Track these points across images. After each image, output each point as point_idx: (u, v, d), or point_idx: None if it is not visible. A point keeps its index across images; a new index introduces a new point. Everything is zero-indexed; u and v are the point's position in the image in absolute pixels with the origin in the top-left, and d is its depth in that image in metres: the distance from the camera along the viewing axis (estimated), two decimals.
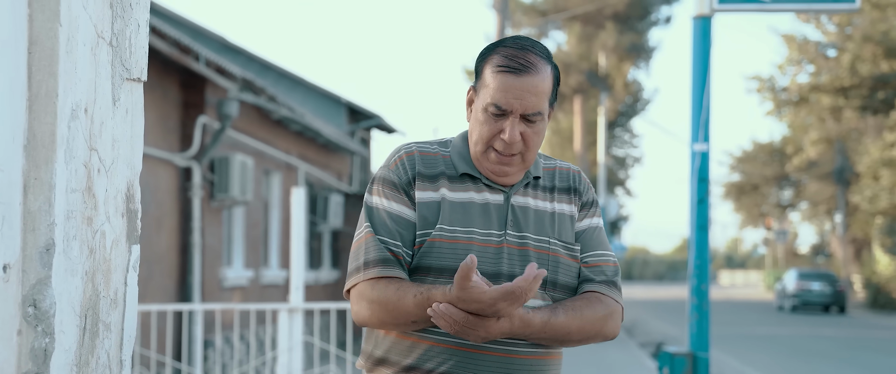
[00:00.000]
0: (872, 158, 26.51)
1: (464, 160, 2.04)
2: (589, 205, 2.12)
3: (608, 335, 2.04)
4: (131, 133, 1.77)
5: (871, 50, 26.45)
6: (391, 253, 1.95)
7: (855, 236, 38.13)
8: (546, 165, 2.13)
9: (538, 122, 1.99)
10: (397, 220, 1.98)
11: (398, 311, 1.91)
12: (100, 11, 1.63)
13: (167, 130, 9.20)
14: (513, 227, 2.00)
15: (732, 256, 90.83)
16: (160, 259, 8.99)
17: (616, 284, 2.08)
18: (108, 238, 1.67)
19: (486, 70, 2.00)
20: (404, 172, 2.01)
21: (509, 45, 2.00)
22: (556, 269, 2.00)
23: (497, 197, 2.02)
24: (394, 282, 1.93)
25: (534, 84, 1.96)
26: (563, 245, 2.03)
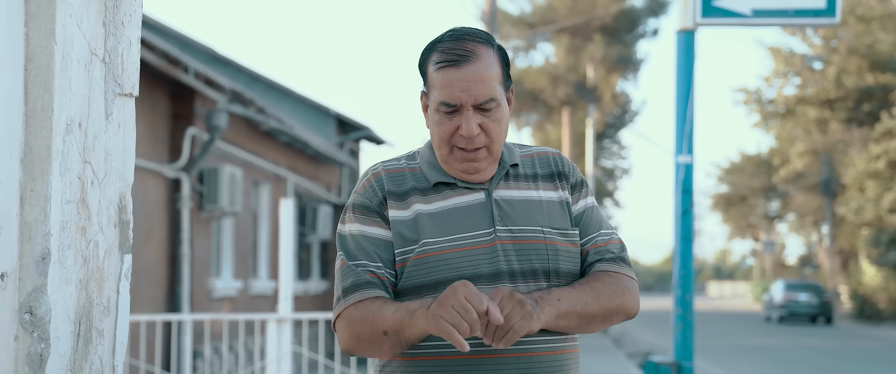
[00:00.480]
0: (858, 169, 26.70)
1: (434, 169, 1.97)
2: (579, 186, 2.03)
3: (629, 311, 1.95)
4: (123, 146, 1.84)
5: (856, 63, 26.68)
6: (371, 274, 1.89)
7: (842, 248, 38.34)
8: (523, 152, 2.05)
9: (494, 109, 1.90)
10: (374, 241, 1.92)
11: (376, 325, 1.84)
12: (93, 29, 1.70)
13: (156, 142, 9.25)
14: (501, 222, 1.92)
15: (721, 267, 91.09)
16: (149, 270, 9.02)
17: (625, 259, 2.00)
18: (101, 248, 1.73)
19: (429, 70, 1.93)
20: (375, 194, 1.95)
21: (445, 40, 1.93)
22: (556, 258, 1.92)
23: (478, 196, 1.94)
24: (375, 301, 1.87)
25: (477, 72, 1.88)
26: (558, 232, 1.94)
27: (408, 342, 1.84)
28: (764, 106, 31.90)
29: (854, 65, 26.72)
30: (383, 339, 1.84)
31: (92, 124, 1.70)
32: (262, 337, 11.21)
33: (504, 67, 1.95)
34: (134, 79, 1.86)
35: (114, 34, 1.77)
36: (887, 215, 26.33)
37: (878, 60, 26.48)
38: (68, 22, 1.61)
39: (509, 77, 1.97)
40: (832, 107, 28.36)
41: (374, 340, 1.85)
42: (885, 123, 25.54)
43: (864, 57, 26.42)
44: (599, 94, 30.89)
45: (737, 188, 46.74)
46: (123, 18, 1.81)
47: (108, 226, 1.76)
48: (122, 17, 1.80)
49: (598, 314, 1.90)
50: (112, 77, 1.78)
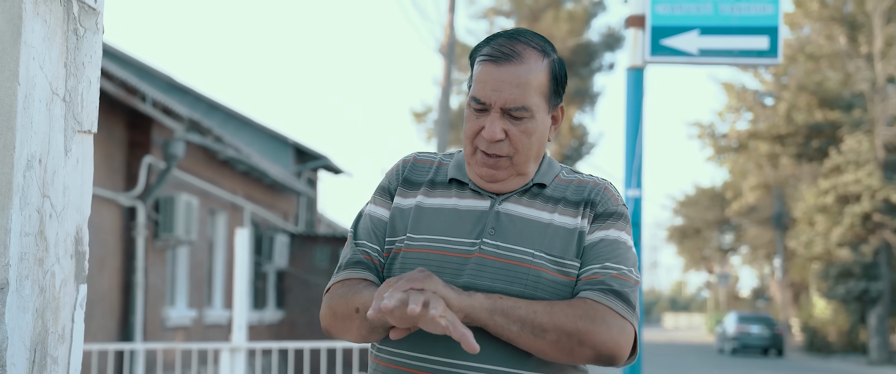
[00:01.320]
0: (808, 204, 27.23)
1: (458, 166, 1.88)
2: (604, 216, 1.80)
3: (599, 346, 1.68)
4: (81, 181, 1.92)
5: (805, 99, 27.28)
6: (367, 256, 1.84)
7: (793, 281, 38.94)
8: (566, 176, 1.88)
9: (525, 119, 1.77)
10: (377, 223, 1.87)
11: (350, 302, 1.78)
12: (55, 70, 1.79)
13: (112, 170, 9.25)
14: (491, 235, 1.77)
15: (677, 298, 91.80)
16: (102, 298, 8.99)
17: (622, 296, 1.72)
18: (57, 278, 1.81)
19: (475, 65, 1.83)
20: (396, 178, 1.90)
21: (500, 36, 1.82)
22: (537, 285, 1.73)
23: (482, 203, 1.82)
24: (361, 282, 1.81)
25: (516, 74, 1.76)
26: (551, 259, 1.75)
27: (373, 325, 1.74)
28: (717, 140, 32.45)
29: (804, 101, 27.32)
30: (354, 317, 1.77)
31: (51, 160, 1.78)
32: (215, 367, 11.16)
33: (554, 82, 1.82)
34: (93, 116, 1.95)
35: (74, 74, 1.86)
36: (836, 249, 26.84)
37: (827, 98, 27.11)
38: (31, 64, 1.70)
39: (560, 94, 1.85)
40: (783, 142, 28.93)
41: (346, 316, 1.78)
42: (833, 158, 26.10)
43: (813, 94, 27.04)
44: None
45: (691, 221, 47.34)
46: (84, 59, 1.90)
47: (64, 257, 1.84)
48: (82, 58, 1.89)
49: (549, 327, 1.67)
50: (72, 115, 1.86)
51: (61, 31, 1.80)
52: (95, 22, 1.94)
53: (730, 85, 30.58)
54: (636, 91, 6.86)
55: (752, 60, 6.69)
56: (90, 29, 1.91)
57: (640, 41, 6.73)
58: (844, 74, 26.79)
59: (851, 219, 25.45)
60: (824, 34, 26.80)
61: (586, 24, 29.88)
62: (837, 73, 26.86)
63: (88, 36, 1.90)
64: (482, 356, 1.71)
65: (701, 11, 6.66)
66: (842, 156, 25.74)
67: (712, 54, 6.70)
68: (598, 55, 30.66)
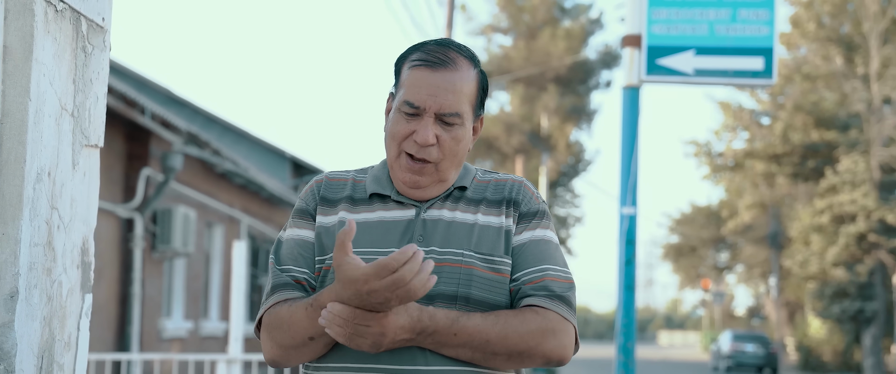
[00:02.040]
0: (803, 223, 27.28)
1: (376, 181, 1.88)
2: (530, 215, 1.85)
3: (549, 354, 1.73)
4: (88, 193, 1.98)
5: (802, 119, 27.38)
6: (294, 280, 1.83)
7: (788, 300, 38.98)
8: (482, 177, 1.92)
9: (456, 126, 1.80)
10: (302, 245, 1.85)
11: (293, 328, 1.74)
12: (64, 86, 1.85)
13: (111, 182, 9.30)
14: (420, 242, 1.79)
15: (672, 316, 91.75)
16: (99, 309, 9.02)
17: (564, 299, 1.78)
18: (64, 287, 1.86)
19: (404, 68, 1.85)
20: (312, 199, 1.89)
21: (430, 43, 1.85)
22: (469, 282, 1.76)
23: (406, 213, 1.83)
24: (284, 304, 1.79)
25: (451, 80, 1.79)
26: (480, 257, 1.78)
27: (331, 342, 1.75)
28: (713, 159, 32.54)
29: (800, 121, 27.43)
30: (310, 344, 1.75)
31: (60, 173, 1.84)
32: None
33: (480, 92, 1.86)
34: (99, 131, 2.01)
35: (82, 90, 1.92)
36: (831, 268, 26.89)
37: (823, 118, 27.21)
38: (42, 80, 1.76)
39: (483, 105, 1.89)
40: (779, 161, 29.02)
41: (301, 346, 1.76)
42: (829, 178, 26.19)
43: (809, 114, 27.14)
44: (553, 143, 31.32)
45: (687, 239, 47.39)
46: (92, 76, 1.96)
47: (71, 267, 1.89)
48: (90, 75, 1.95)
49: (498, 345, 1.70)
50: (80, 130, 1.92)
51: (71, 48, 1.86)
52: (103, 40, 2.00)
53: (726, 104, 30.69)
54: (632, 110, 6.94)
55: (747, 81, 6.77)
56: (98, 46, 1.97)
57: (637, 60, 6.82)
58: (841, 95, 26.92)
59: (847, 239, 25.50)
60: (821, 54, 26.93)
61: (583, 41, 30.03)
62: (834, 93, 26.97)
63: (96, 53, 1.96)
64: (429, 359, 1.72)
65: (697, 32, 6.74)
66: (838, 176, 25.82)
67: (708, 74, 6.78)
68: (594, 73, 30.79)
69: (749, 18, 6.73)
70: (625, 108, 6.93)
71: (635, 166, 6.89)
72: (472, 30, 31.10)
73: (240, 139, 16.75)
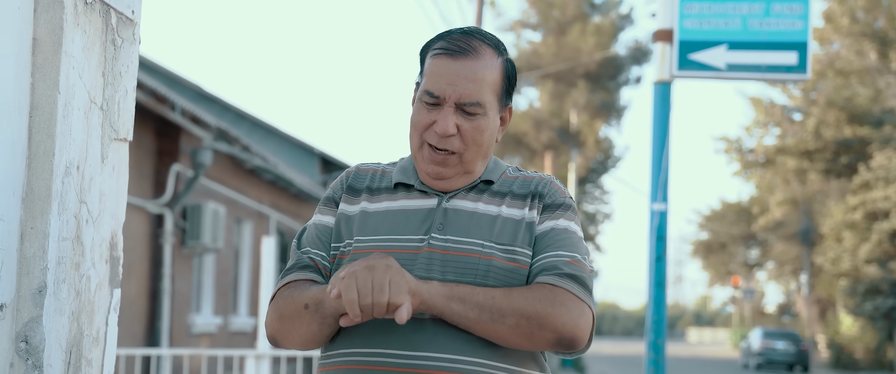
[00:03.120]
0: (835, 220, 27.00)
1: (402, 171, 1.87)
2: (553, 207, 1.81)
3: (561, 328, 1.67)
4: (117, 187, 1.96)
5: (834, 115, 27.09)
6: (311, 261, 1.83)
7: (819, 297, 38.59)
8: (511, 174, 1.88)
9: (478, 115, 1.76)
10: (322, 229, 1.86)
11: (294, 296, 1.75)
12: (93, 80, 1.84)
13: (141, 177, 9.35)
14: (439, 230, 1.76)
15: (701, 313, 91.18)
16: (129, 305, 9.08)
17: (578, 279, 1.72)
18: (92, 282, 1.85)
19: (427, 58, 1.82)
20: (340, 188, 1.90)
21: (454, 32, 1.81)
22: (487, 273, 1.72)
23: (429, 202, 1.81)
24: (306, 282, 1.79)
25: (472, 69, 1.75)
26: (500, 248, 1.74)
27: (325, 317, 1.70)
28: (744, 155, 32.27)
29: (833, 117, 27.13)
30: (303, 313, 1.72)
31: (89, 167, 1.83)
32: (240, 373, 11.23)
33: (506, 81, 1.81)
34: (129, 125, 1.99)
35: (112, 84, 1.91)
36: (864, 265, 26.58)
37: (856, 114, 26.90)
38: (71, 73, 1.75)
39: (510, 94, 1.84)
40: (811, 158, 28.73)
41: (293, 315, 1.73)
42: (862, 175, 25.88)
43: (842, 110, 26.85)
44: (582, 139, 31.19)
45: (717, 235, 47.04)
46: (121, 69, 1.94)
47: (99, 262, 1.88)
48: (119, 68, 1.93)
49: (507, 312, 1.65)
50: (109, 123, 1.91)
51: (100, 41, 1.85)
52: (133, 33, 1.98)
53: (758, 100, 30.42)
54: (663, 105, 6.86)
55: (780, 76, 6.68)
56: (127, 39, 1.96)
57: (668, 56, 6.74)
58: (874, 90, 26.58)
59: (880, 236, 25.20)
60: (854, 50, 26.61)
61: (613, 37, 29.86)
62: (867, 89, 26.65)
63: (126, 46, 1.95)
64: (440, 346, 1.67)
65: (729, 26, 6.66)
66: (871, 172, 25.50)
67: (740, 69, 6.69)
68: (625, 69, 30.62)
69: (783, 13, 6.64)
70: (656, 103, 6.86)
71: (666, 162, 6.82)
72: (501, 25, 31.04)
73: (269, 135, 16.81)
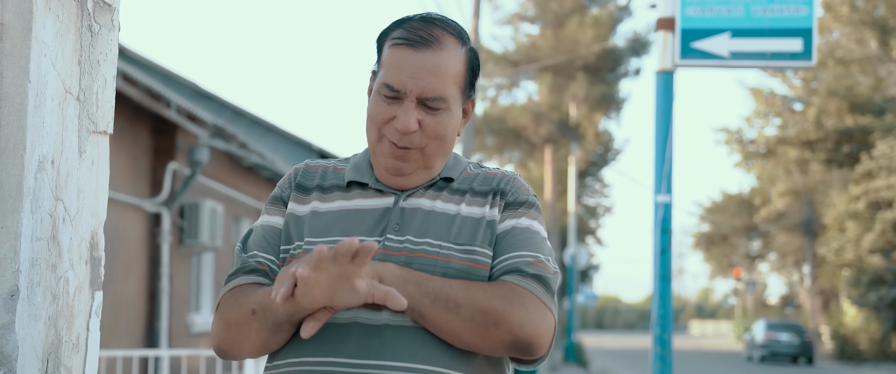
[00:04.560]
0: (838, 210, 26.89)
1: (356, 168, 1.76)
2: (515, 205, 1.71)
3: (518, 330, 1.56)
4: (97, 183, 1.85)
5: (835, 104, 26.98)
6: (259, 265, 1.71)
7: (822, 288, 38.49)
8: (473, 170, 1.78)
9: (441, 111, 1.65)
10: (269, 231, 1.74)
11: (240, 301, 1.64)
12: (68, 68, 1.72)
13: (137, 176, 9.23)
14: (395, 231, 1.65)
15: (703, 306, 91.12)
16: (128, 305, 8.97)
17: (542, 280, 1.62)
18: (71, 285, 1.73)
19: (385, 46, 1.69)
20: (288, 186, 1.78)
21: (414, 19, 1.69)
22: (445, 274, 1.62)
23: (385, 201, 1.70)
24: (251, 286, 1.67)
25: (434, 61, 1.63)
26: (459, 248, 1.64)
27: (276, 323, 1.58)
28: (745, 146, 32.15)
29: (834, 107, 27.01)
30: (251, 320, 1.61)
31: (65, 162, 1.71)
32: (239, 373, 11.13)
33: (470, 72, 1.71)
34: (108, 117, 1.88)
35: (89, 72, 1.79)
36: (867, 255, 26.47)
37: (857, 103, 26.78)
38: (43, 61, 1.63)
39: (473, 86, 1.74)
40: (812, 148, 28.62)
41: (240, 322, 1.62)
42: (864, 164, 25.77)
43: (843, 99, 26.73)
44: (582, 132, 31.06)
45: (718, 227, 46.95)
46: (99, 57, 1.83)
47: (79, 263, 1.77)
48: (97, 56, 1.82)
49: (463, 302, 1.55)
50: (86, 115, 1.79)
51: (75, 27, 1.73)
52: (111, 18, 1.87)
53: (758, 90, 30.30)
54: (666, 95, 6.74)
55: (785, 63, 6.55)
56: (105, 26, 1.84)
57: (670, 44, 6.62)
58: (876, 79, 26.47)
59: (883, 225, 25.10)
60: (855, 38, 26.49)
61: (612, 29, 29.72)
62: (868, 77, 26.53)
63: (104, 33, 1.83)
64: (396, 353, 1.57)
65: (732, 13, 6.53)
66: (873, 161, 25.39)
67: (744, 57, 6.57)
68: (623, 61, 30.47)
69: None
70: (658, 93, 6.74)
71: (670, 153, 6.70)
72: (498, 19, 30.90)
73: (267, 132, 16.69)
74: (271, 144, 16.28)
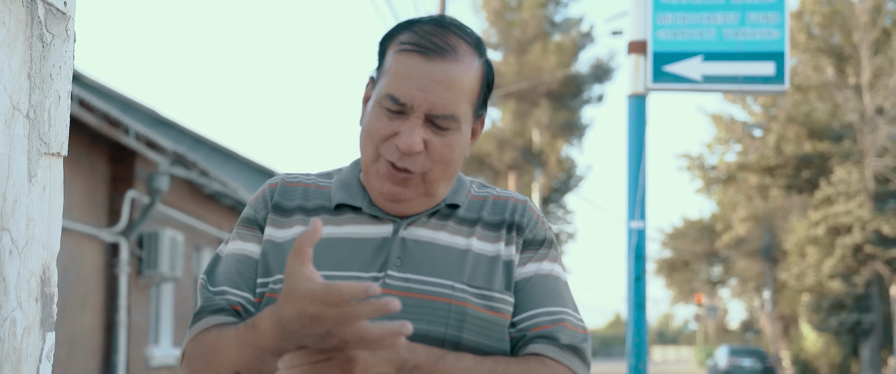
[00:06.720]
0: (798, 236, 27.08)
1: (344, 189, 1.53)
2: (537, 244, 1.51)
3: None
4: (49, 212, 1.65)
5: (794, 131, 27.23)
6: (229, 305, 1.48)
7: (783, 313, 38.75)
8: (478, 193, 1.57)
9: (451, 130, 1.43)
10: (243, 262, 1.50)
11: (218, 358, 1.38)
12: (16, 81, 1.53)
13: (94, 205, 8.95)
14: (397, 267, 1.43)
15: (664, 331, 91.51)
16: (83, 339, 8.66)
17: (578, 351, 1.44)
18: (18, 326, 1.54)
19: (389, 50, 1.46)
20: (263, 206, 1.53)
21: (425, 22, 1.46)
22: (461, 323, 1.40)
23: (382, 230, 1.47)
24: (211, 330, 1.43)
25: (448, 74, 1.41)
26: (475, 292, 1.43)
27: None
28: (706, 172, 32.35)
29: (793, 133, 27.27)
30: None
31: (12, 187, 1.52)
32: None
33: (484, 88, 1.49)
34: (62, 137, 1.69)
35: (40, 87, 1.60)
36: (827, 280, 26.66)
37: (816, 129, 27.06)
38: None
39: (485, 104, 1.52)
40: (772, 174, 28.84)
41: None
42: (823, 190, 26.00)
43: (802, 125, 27.00)
44: (545, 158, 31.10)
45: (680, 253, 47.17)
46: (51, 71, 1.64)
47: (27, 301, 1.57)
48: (49, 70, 1.63)
49: None
50: (37, 135, 1.60)
51: (24, 36, 1.54)
52: (65, 28, 1.68)
53: (718, 116, 30.54)
54: (638, 119, 6.63)
55: (758, 87, 6.49)
56: (59, 36, 1.66)
57: (642, 68, 6.52)
58: (833, 106, 26.79)
59: (843, 250, 25.30)
60: (812, 65, 26.82)
61: (574, 55, 29.85)
62: (826, 104, 26.84)
63: (57, 44, 1.65)
64: None
65: (704, 36, 6.46)
66: (832, 187, 25.64)
67: (717, 81, 6.49)
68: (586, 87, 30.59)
69: (759, 22, 6.47)
70: (631, 117, 6.64)
71: (643, 178, 6.59)
72: None
73: (228, 160, 16.42)
74: (232, 171, 16.02)
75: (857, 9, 26.02)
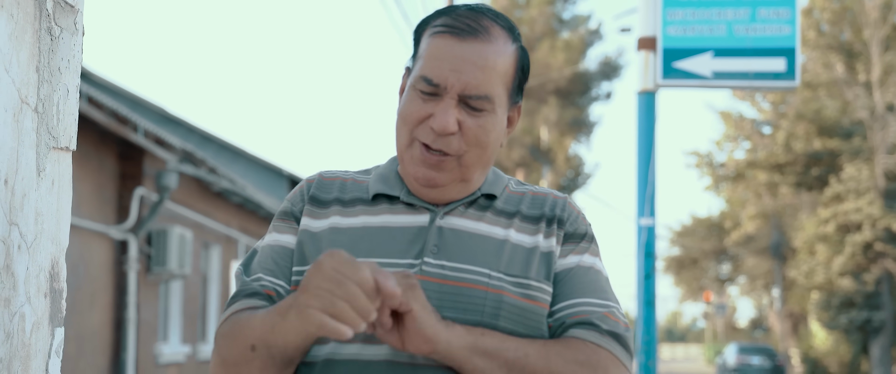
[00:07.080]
0: (808, 233, 26.98)
1: (382, 179, 1.54)
2: (578, 237, 1.51)
3: None
4: (57, 206, 1.64)
5: (804, 128, 27.12)
6: (264, 290, 1.49)
7: (792, 311, 38.62)
8: (516, 189, 1.57)
9: (485, 111, 1.43)
10: (279, 252, 1.51)
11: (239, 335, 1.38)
12: (24, 75, 1.52)
13: (103, 202, 8.96)
14: (434, 254, 1.43)
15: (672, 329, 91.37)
16: (92, 336, 8.67)
17: (619, 338, 1.42)
18: (27, 321, 1.53)
19: (424, 36, 1.48)
20: (300, 199, 1.55)
21: (460, 7, 1.48)
22: (497, 311, 1.40)
23: (419, 218, 1.47)
24: (245, 312, 1.44)
25: (482, 54, 1.41)
26: (512, 280, 1.43)
27: (284, 356, 1.35)
28: (715, 169, 32.25)
29: (802, 130, 27.16)
30: (252, 357, 1.36)
31: (20, 181, 1.51)
32: None
33: (519, 73, 1.49)
34: (71, 131, 1.67)
35: (48, 81, 1.59)
36: (837, 278, 26.55)
37: (825, 126, 26.95)
38: None
39: (521, 90, 1.52)
40: (782, 171, 28.73)
41: (240, 361, 1.38)
42: (833, 187, 25.89)
43: (811, 122, 26.89)
44: (553, 156, 31.04)
45: (688, 251, 47.04)
46: (60, 64, 1.63)
47: (36, 296, 1.56)
48: (58, 63, 1.62)
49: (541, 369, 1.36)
50: (46, 129, 1.59)
51: (32, 29, 1.53)
52: (74, 21, 1.67)
53: (727, 114, 30.44)
54: (648, 116, 6.61)
55: (768, 83, 6.45)
56: (68, 29, 1.64)
57: (652, 64, 6.50)
58: (843, 102, 26.67)
59: (853, 248, 25.19)
60: (822, 62, 26.70)
61: (582, 53, 29.79)
62: (836, 101, 26.73)
63: (65, 37, 1.63)
64: None
65: (714, 33, 6.43)
66: (842, 184, 25.53)
67: (727, 77, 6.46)
68: (595, 84, 30.53)
69: (769, 18, 6.43)
70: (640, 114, 6.61)
71: (653, 175, 6.56)
72: None
73: (236, 157, 16.43)
74: (241, 169, 16.02)
75: (867, 5, 25.91)
